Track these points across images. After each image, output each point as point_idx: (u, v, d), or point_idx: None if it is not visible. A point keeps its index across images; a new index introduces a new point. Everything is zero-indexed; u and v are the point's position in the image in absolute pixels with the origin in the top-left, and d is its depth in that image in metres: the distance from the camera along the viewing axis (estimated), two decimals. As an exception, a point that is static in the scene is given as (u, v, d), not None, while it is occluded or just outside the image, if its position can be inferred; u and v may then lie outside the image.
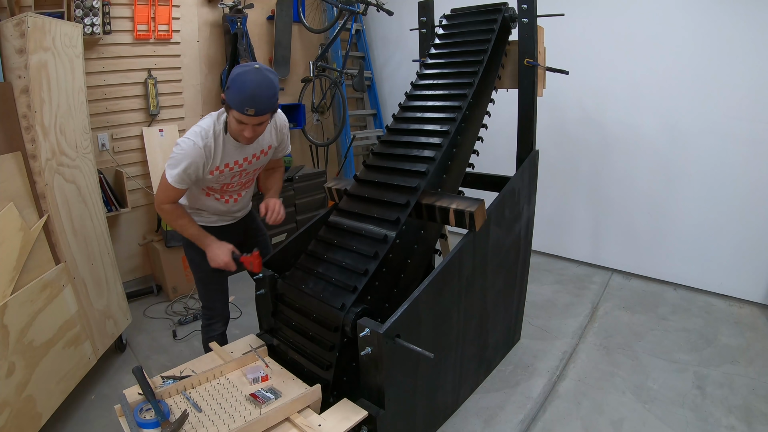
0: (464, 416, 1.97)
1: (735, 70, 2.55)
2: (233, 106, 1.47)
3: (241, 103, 1.45)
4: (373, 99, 4.57)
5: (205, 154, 1.57)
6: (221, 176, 1.68)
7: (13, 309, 1.66)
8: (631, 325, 2.60)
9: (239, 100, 1.45)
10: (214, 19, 3.45)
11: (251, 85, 1.44)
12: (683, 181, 2.88)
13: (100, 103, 2.89)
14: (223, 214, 1.86)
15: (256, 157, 1.74)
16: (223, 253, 1.72)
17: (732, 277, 2.80)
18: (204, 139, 1.57)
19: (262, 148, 1.74)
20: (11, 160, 1.77)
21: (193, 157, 1.55)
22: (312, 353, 1.65)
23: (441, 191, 1.89)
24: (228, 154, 1.64)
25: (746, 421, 1.85)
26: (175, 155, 1.56)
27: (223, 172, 1.67)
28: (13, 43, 1.78)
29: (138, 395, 1.50)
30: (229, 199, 1.82)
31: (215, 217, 1.85)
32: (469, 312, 1.89)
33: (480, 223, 1.74)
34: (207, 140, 1.57)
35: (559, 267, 3.43)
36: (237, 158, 1.67)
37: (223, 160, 1.64)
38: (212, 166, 1.62)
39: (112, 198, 2.94)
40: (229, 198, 1.82)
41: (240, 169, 1.71)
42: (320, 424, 1.43)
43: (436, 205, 1.73)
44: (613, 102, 3.05)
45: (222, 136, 1.61)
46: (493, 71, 2.15)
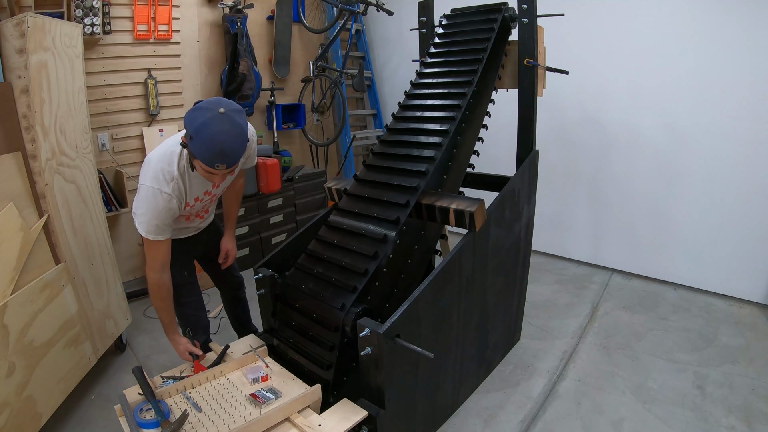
0: (464, 416, 1.97)
1: (735, 70, 2.55)
2: (202, 160, 1.34)
3: (210, 159, 1.32)
4: (373, 99, 4.57)
5: (176, 197, 1.48)
6: (192, 209, 1.64)
7: (13, 309, 1.66)
8: (631, 325, 2.60)
9: (208, 157, 1.32)
10: (214, 19, 3.45)
11: (220, 138, 1.30)
12: (683, 181, 2.88)
13: (100, 103, 2.89)
14: (187, 228, 1.82)
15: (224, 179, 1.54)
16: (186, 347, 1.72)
17: (732, 277, 2.80)
18: (169, 183, 1.45)
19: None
20: (11, 160, 1.77)
21: (163, 206, 1.46)
22: (312, 353, 1.65)
23: (441, 191, 1.89)
24: (195, 189, 1.57)
25: (746, 421, 1.85)
26: (142, 209, 1.46)
27: (194, 206, 1.62)
28: (13, 43, 1.78)
29: (138, 395, 1.50)
30: (196, 219, 1.80)
31: (178, 231, 1.78)
32: (469, 312, 1.89)
33: (480, 223, 1.74)
34: (172, 183, 1.46)
35: (559, 267, 3.43)
36: (205, 189, 1.61)
37: (191, 195, 1.56)
38: (185, 202, 1.56)
39: (112, 198, 2.94)
40: (197, 218, 1.80)
41: (209, 198, 1.69)
42: (320, 424, 1.43)
43: (436, 205, 1.73)
44: (613, 102, 3.05)
45: (187, 173, 1.50)
46: (492, 71, 2.15)
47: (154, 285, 1.58)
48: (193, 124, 1.31)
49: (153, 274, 1.56)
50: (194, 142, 1.32)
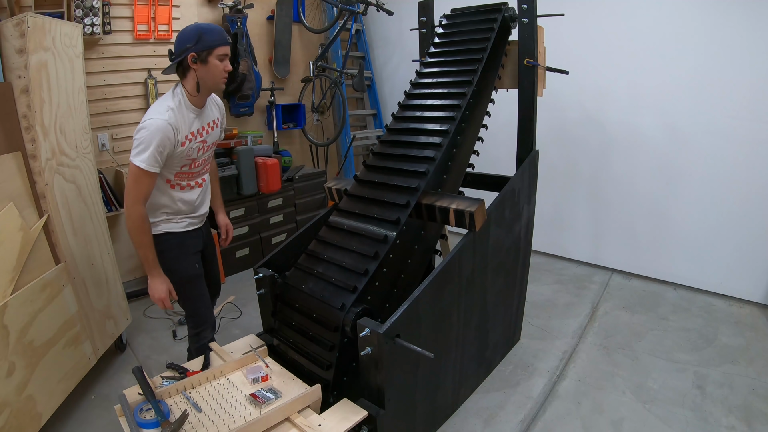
0: (464, 416, 1.97)
1: (735, 70, 2.55)
2: (217, 44, 1.54)
3: (222, 36, 1.55)
4: (373, 99, 4.57)
5: (173, 127, 1.55)
6: (190, 147, 1.65)
7: (13, 309, 1.66)
8: (631, 325, 2.60)
9: (218, 36, 1.54)
10: (214, 19, 3.45)
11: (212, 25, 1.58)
12: (683, 181, 2.88)
13: (100, 103, 2.89)
14: (193, 211, 1.80)
15: (210, 127, 1.73)
16: (163, 290, 1.68)
17: (732, 277, 2.80)
18: (167, 112, 1.55)
19: (213, 118, 1.76)
20: (11, 160, 1.77)
21: (163, 131, 1.52)
22: (312, 353, 1.65)
23: (441, 191, 1.89)
24: (189, 123, 1.63)
25: (746, 421, 1.85)
26: (141, 139, 1.52)
27: (191, 141, 1.64)
28: (13, 43, 1.78)
29: (138, 395, 1.50)
30: (195, 186, 1.77)
31: (187, 219, 1.79)
32: (469, 312, 1.89)
33: (480, 223, 1.74)
34: (169, 113, 1.55)
35: (559, 267, 3.43)
36: (197, 126, 1.66)
37: (186, 128, 1.62)
38: (182, 137, 1.60)
39: (112, 198, 2.94)
40: (195, 184, 1.77)
41: (201, 140, 1.69)
42: (320, 424, 1.43)
43: (436, 205, 1.73)
44: (613, 102, 3.05)
45: (182, 106, 1.60)
46: (492, 71, 2.15)
47: (139, 218, 1.59)
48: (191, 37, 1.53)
49: (138, 207, 1.57)
50: (203, 39, 1.52)
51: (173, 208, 1.74)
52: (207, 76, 1.58)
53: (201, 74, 1.58)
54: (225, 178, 3.21)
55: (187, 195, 1.75)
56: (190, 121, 1.63)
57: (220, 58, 1.57)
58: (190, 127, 1.63)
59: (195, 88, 1.60)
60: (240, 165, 3.26)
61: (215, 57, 1.56)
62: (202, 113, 1.68)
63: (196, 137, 1.65)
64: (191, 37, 1.53)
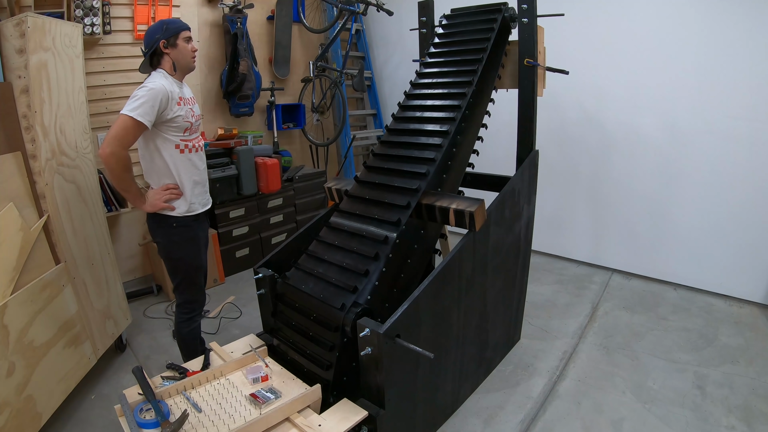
0: (464, 416, 1.97)
1: (735, 70, 2.55)
2: (181, 29, 1.84)
3: (181, 23, 1.86)
4: (373, 99, 4.57)
5: (168, 89, 1.78)
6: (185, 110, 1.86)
7: (13, 309, 1.66)
8: (631, 325, 2.60)
9: (180, 23, 1.86)
10: (214, 19, 3.45)
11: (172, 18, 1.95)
12: (683, 181, 2.88)
13: (100, 103, 2.89)
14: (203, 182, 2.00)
15: (192, 102, 1.95)
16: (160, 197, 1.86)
17: (732, 277, 2.80)
18: (160, 79, 1.79)
19: (190, 96, 1.97)
20: (11, 160, 1.77)
21: (163, 89, 1.75)
22: (312, 353, 1.65)
23: (441, 191, 1.89)
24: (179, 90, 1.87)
25: (746, 421, 1.85)
26: (140, 95, 1.70)
27: (183, 105, 1.85)
28: (13, 43, 1.78)
29: (138, 395, 1.50)
30: (194, 148, 1.93)
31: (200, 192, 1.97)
32: (469, 312, 1.89)
33: (480, 223, 1.74)
34: (162, 80, 1.79)
35: (559, 267, 3.43)
36: (183, 96, 1.89)
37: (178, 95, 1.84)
38: (176, 99, 1.82)
39: (112, 198, 2.94)
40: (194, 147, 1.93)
41: (189, 108, 1.89)
42: (320, 424, 1.43)
43: (436, 205, 1.73)
44: (613, 102, 3.05)
45: (166, 77, 1.85)
46: (492, 71, 2.15)
47: (124, 159, 1.73)
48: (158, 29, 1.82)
49: (123, 151, 1.71)
50: (167, 29, 1.82)
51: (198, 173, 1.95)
52: (179, 56, 1.86)
53: (174, 56, 1.85)
54: (225, 178, 3.22)
55: (197, 157, 1.95)
56: (178, 89, 1.88)
57: (186, 40, 1.86)
58: (179, 93, 1.87)
59: (172, 68, 1.87)
60: (240, 165, 3.26)
61: (182, 39, 1.84)
62: (183, 87, 1.93)
63: (185, 103, 1.89)
64: (158, 29, 1.81)
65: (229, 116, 3.62)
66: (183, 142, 1.89)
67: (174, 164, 1.87)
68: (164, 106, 1.76)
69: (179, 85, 1.90)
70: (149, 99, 1.70)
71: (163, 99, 1.74)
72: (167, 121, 1.79)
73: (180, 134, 1.86)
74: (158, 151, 1.84)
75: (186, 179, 1.90)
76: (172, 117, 1.79)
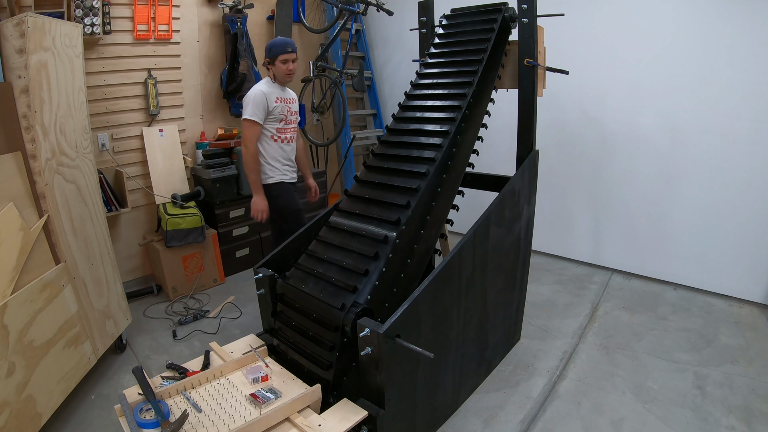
0: (464, 416, 1.97)
1: (735, 69, 2.55)
2: (279, 52, 2.41)
3: (283, 46, 2.41)
4: (373, 99, 4.57)
5: (264, 92, 2.41)
6: (281, 106, 2.47)
7: (13, 309, 1.66)
8: (631, 325, 2.60)
9: (281, 46, 2.41)
10: (214, 19, 3.45)
11: (283, 40, 2.46)
12: (683, 181, 2.88)
13: (100, 103, 2.89)
14: (288, 163, 2.58)
15: (291, 101, 2.57)
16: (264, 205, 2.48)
17: (732, 277, 2.80)
18: (260, 86, 2.45)
19: (291, 97, 2.59)
20: (11, 160, 1.77)
21: (260, 93, 2.40)
22: (312, 353, 1.65)
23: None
24: (276, 93, 2.47)
25: (746, 421, 1.85)
26: (246, 102, 2.40)
27: (279, 103, 2.46)
28: (13, 43, 1.78)
29: (138, 395, 1.50)
30: (286, 140, 2.53)
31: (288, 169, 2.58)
32: (469, 312, 1.89)
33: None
34: (262, 86, 2.44)
35: (559, 267, 3.43)
36: (281, 96, 2.50)
37: (277, 95, 2.47)
38: (273, 99, 2.43)
39: (112, 198, 2.94)
40: (286, 138, 2.53)
41: (285, 105, 2.51)
42: (320, 424, 1.43)
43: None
44: (613, 102, 3.05)
45: (270, 83, 2.49)
46: (493, 71, 2.15)
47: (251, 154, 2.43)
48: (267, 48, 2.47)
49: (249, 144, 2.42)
50: (272, 50, 2.43)
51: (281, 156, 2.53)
52: (277, 72, 2.48)
53: (273, 71, 2.49)
54: (225, 178, 3.22)
55: (286, 146, 2.55)
56: (276, 91, 2.48)
57: (283, 60, 2.42)
58: (277, 94, 2.48)
59: (273, 77, 2.51)
60: (240, 165, 3.26)
61: (279, 60, 2.42)
62: (283, 90, 2.55)
63: (282, 101, 2.49)
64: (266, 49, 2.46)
65: (229, 116, 3.63)
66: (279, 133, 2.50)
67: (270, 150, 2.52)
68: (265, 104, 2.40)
69: (279, 88, 2.51)
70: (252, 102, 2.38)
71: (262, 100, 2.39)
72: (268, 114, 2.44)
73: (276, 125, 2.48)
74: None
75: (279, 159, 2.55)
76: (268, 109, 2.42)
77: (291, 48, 2.41)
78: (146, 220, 3.26)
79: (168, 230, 2.94)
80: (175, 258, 3.06)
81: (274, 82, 2.49)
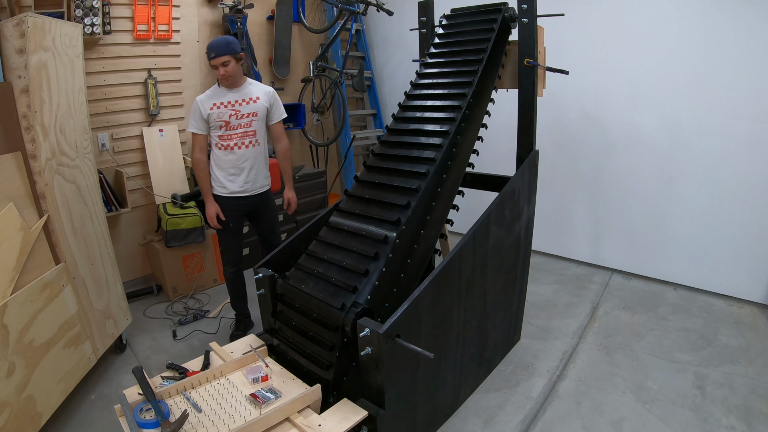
0: (464, 416, 1.97)
1: (735, 70, 2.55)
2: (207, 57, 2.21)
3: (208, 51, 2.19)
4: (373, 99, 4.57)
5: (199, 100, 2.29)
6: (218, 113, 2.26)
7: (13, 309, 1.66)
8: (631, 325, 2.60)
9: (207, 51, 2.19)
10: (214, 19, 3.45)
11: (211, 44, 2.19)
12: (683, 181, 2.88)
13: (100, 103, 2.89)
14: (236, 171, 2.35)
15: (246, 102, 2.31)
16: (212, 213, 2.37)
17: (732, 277, 2.80)
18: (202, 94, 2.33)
19: (251, 96, 2.32)
20: (11, 160, 1.77)
21: (195, 102, 2.29)
22: (312, 353, 1.65)
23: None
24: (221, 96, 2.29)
25: (746, 421, 1.85)
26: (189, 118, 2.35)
27: (220, 108, 2.27)
28: (13, 43, 1.78)
29: (138, 395, 1.50)
30: (229, 147, 2.31)
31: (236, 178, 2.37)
32: (469, 312, 1.89)
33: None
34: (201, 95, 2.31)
35: (559, 267, 3.43)
36: (223, 100, 2.28)
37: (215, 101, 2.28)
38: (208, 106, 2.27)
39: (112, 198, 2.94)
40: (229, 146, 2.31)
41: (228, 110, 2.27)
42: (320, 424, 1.43)
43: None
44: (613, 102, 3.05)
45: (215, 87, 2.34)
46: (493, 71, 2.15)
47: (195, 162, 2.36)
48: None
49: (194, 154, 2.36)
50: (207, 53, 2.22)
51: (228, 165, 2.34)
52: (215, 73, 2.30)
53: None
54: (225, 178, 3.21)
55: (231, 155, 2.33)
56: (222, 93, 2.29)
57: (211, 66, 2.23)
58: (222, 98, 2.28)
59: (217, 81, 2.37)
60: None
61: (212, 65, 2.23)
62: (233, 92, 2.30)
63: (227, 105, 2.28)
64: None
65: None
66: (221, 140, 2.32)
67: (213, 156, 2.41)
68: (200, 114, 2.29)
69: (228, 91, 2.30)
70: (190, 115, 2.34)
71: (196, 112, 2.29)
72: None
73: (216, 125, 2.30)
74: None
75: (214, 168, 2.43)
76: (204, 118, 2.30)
77: (214, 53, 2.16)
78: (146, 220, 3.26)
79: (168, 230, 2.94)
80: (175, 258, 3.06)
81: (220, 86, 2.32)
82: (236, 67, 2.23)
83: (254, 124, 2.34)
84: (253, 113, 2.32)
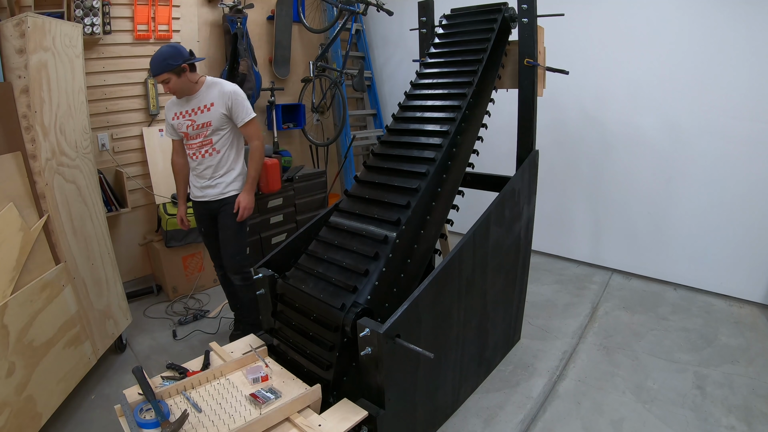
0: (464, 416, 1.97)
1: (735, 69, 2.55)
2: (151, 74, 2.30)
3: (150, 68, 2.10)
4: (373, 99, 4.57)
5: (167, 108, 2.30)
6: (177, 123, 2.24)
7: (13, 309, 1.66)
8: (631, 325, 2.60)
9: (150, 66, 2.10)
10: (214, 19, 3.45)
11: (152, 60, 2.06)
12: (683, 181, 2.88)
13: (100, 103, 2.89)
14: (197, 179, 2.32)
15: (201, 110, 2.19)
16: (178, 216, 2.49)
17: (732, 277, 2.80)
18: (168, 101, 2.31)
19: (204, 103, 2.19)
20: (11, 160, 1.77)
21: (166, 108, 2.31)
22: (312, 353, 1.65)
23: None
24: (177, 106, 2.25)
25: (746, 421, 1.85)
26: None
27: (178, 118, 2.24)
28: (13, 43, 1.78)
29: (138, 395, 1.50)
30: (194, 156, 2.27)
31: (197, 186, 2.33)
32: (469, 312, 1.89)
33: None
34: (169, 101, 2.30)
35: (559, 267, 3.43)
36: (182, 109, 2.22)
37: (176, 110, 2.24)
38: (171, 115, 2.26)
39: (112, 198, 2.94)
40: (193, 155, 2.27)
41: (185, 120, 2.21)
42: (320, 424, 1.43)
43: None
44: (613, 102, 3.05)
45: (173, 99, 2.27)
46: (493, 71, 2.15)
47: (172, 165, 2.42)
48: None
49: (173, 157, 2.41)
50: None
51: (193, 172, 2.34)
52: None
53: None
54: (225, 178, 3.21)
55: (196, 162, 2.29)
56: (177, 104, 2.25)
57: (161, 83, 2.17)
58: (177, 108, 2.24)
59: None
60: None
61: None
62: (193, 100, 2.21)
63: (183, 116, 2.22)
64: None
65: (229, 116, 3.62)
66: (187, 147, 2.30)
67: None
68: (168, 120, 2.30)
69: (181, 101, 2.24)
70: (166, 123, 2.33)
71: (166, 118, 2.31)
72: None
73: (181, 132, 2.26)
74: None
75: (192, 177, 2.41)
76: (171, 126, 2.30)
77: (153, 71, 2.06)
78: (146, 220, 3.26)
79: (168, 230, 2.94)
80: (175, 258, 3.06)
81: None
82: (179, 82, 2.08)
83: (210, 134, 2.21)
84: (207, 123, 2.19)
